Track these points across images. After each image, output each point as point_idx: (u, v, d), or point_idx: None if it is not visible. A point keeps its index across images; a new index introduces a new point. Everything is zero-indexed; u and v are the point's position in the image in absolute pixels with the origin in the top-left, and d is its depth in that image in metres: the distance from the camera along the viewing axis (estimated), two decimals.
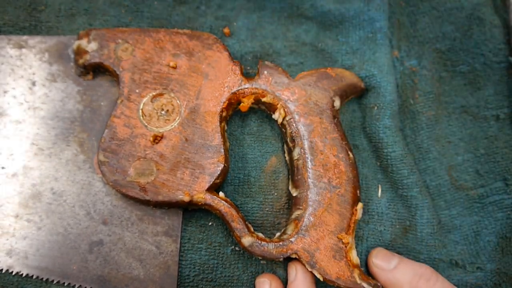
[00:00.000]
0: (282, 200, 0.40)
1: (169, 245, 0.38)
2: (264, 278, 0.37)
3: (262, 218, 0.40)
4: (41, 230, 0.37)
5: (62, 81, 0.40)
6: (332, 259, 0.35)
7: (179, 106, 0.38)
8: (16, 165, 0.38)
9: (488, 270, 0.40)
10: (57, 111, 0.40)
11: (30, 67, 0.40)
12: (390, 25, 0.45)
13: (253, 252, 0.36)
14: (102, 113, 0.40)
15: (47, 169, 0.39)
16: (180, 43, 0.40)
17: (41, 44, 0.41)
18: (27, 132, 0.39)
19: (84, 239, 0.37)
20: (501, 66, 0.44)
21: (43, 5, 0.43)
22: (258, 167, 0.41)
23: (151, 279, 0.37)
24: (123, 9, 0.44)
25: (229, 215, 0.36)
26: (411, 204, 0.40)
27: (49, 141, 0.39)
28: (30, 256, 0.37)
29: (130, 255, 0.37)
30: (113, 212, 0.38)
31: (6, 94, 0.40)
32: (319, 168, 0.37)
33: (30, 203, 0.38)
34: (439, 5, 0.46)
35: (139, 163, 0.37)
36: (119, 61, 0.39)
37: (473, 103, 0.44)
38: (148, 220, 0.38)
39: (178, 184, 0.36)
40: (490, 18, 0.45)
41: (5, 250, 0.37)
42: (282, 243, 0.36)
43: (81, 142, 0.39)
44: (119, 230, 0.38)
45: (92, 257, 0.37)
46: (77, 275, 0.37)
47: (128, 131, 0.37)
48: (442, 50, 0.45)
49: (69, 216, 0.38)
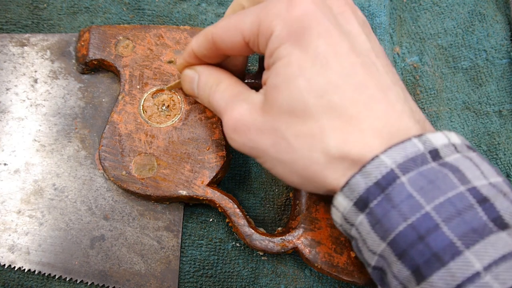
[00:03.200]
0: (283, 195, 0.40)
1: (170, 240, 0.38)
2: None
3: (263, 213, 0.40)
4: (43, 225, 0.38)
5: (64, 78, 0.41)
6: (333, 253, 0.35)
7: (179, 102, 0.38)
8: (18, 161, 0.39)
9: None
10: (59, 108, 0.40)
11: (32, 65, 0.41)
12: (391, 21, 0.45)
13: (254, 246, 0.36)
14: (103, 110, 0.40)
15: (49, 165, 0.39)
16: (181, 39, 0.40)
17: (43, 41, 0.41)
18: (29, 128, 0.39)
19: (86, 235, 0.38)
20: (503, 62, 0.44)
21: (45, 3, 0.44)
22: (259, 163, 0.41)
23: (152, 274, 0.37)
24: (124, 6, 0.44)
25: (230, 210, 0.36)
26: None
27: (51, 138, 0.39)
28: (32, 252, 0.37)
29: (132, 250, 0.37)
30: (114, 207, 0.38)
31: (9, 91, 0.40)
32: None
33: (32, 199, 0.38)
34: (441, 1, 0.46)
35: (140, 158, 0.37)
36: (120, 58, 0.39)
37: (475, 99, 0.44)
38: (149, 215, 0.38)
39: (179, 179, 0.36)
40: (492, 14, 0.45)
41: (7, 246, 0.37)
42: (283, 237, 0.36)
43: (82, 138, 0.39)
44: (121, 225, 0.38)
45: (93, 252, 0.37)
46: (78, 270, 0.37)
47: (129, 127, 0.38)
48: (444, 46, 0.45)
49: (70, 211, 0.38)
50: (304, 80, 0.27)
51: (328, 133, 0.27)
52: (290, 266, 0.39)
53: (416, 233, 0.24)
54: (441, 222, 0.23)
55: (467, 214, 0.23)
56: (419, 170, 0.25)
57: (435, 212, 0.24)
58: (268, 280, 0.38)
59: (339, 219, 0.28)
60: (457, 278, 0.22)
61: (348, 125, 0.26)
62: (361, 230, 0.26)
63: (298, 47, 0.27)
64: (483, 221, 0.23)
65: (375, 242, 0.26)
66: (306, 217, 0.36)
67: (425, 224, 0.24)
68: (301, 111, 0.27)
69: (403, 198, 0.24)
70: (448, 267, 0.23)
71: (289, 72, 0.27)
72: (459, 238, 0.23)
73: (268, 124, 0.29)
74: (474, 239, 0.23)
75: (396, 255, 0.25)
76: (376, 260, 0.27)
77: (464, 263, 0.22)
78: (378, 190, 0.25)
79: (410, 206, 0.24)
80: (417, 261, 0.24)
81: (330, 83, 0.27)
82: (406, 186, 0.24)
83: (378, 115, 0.27)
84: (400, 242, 0.24)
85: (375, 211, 0.25)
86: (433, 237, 0.23)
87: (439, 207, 0.24)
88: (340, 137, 0.27)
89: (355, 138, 0.26)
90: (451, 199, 0.24)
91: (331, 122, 0.27)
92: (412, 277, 0.24)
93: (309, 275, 0.38)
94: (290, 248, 0.36)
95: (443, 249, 0.23)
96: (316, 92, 0.27)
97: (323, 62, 0.27)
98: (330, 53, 0.27)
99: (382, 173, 0.25)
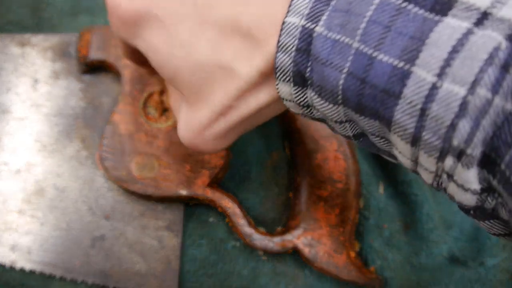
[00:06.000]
0: (283, 195, 0.40)
1: (170, 239, 0.38)
2: None
3: (263, 213, 0.40)
4: (44, 225, 0.38)
5: (65, 78, 0.41)
6: (333, 253, 0.36)
7: None
8: (19, 161, 0.39)
9: (490, 266, 0.40)
10: (60, 108, 0.40)
11: (33, 65, 0.41)
12: None
13: (254, 246, 0.36)
14: (104, 110, 0.40)
15: (50, 165, 0.39)
16: None
17: (44, 42, 0.41)
18: (30, 129, 0.40)
19: (87, 234, 0.38)
20: None
21: (46, 4, 0.44)
22: (260, 163, 0.41)
23: (152, 273, 0.37)
24: None
25: (230, 210, 0.36)
26: (412, 200, 0.40)
27: (52, 138, 0.40)
28: (33, 251, 0.37)
29: (132, 249, 0.38)
30: (115, 207, 0.38)
31: (10, 91, 0.40)
32: (320, 163, 0.37)
33: (33, 199, 0.38)
34: None
35: (141, 158, 0.37)
36: (120, 58, 0.39)
37: None
38: (149, 215, 0.38)
39: (179, 179, 0.37)
40: None
41: (8, 246, 0.37)
42: (283, 237, 0.36)
43: (83, 139, 0.40)
44: (121, 225, 0.38)
45: (94, 252, 0.37)
46: (79, 270, 0.37)
47: (129, 127, 0.38)
48: None
49: (71, 211, 0.38)
50: (178, 47, 0.25)
51: (234, 66, 0.24)
52: (290, 266, 0.39)
53: (357, 79, 0.20)
54: (374, 50, 0.19)
55: (398, 23, 0.19)
56: (331, 5, 0.21)
57: (363, 44, 0.19)
58: (268, 280, 0.38)
59: (295, 108, 0.25)
60: (416, 102, 0.18)
61: (237, 37, 0.24)
62: (317, 105, 0.23)
63: (143, 31, 0.26)
64: (420, 18, 0.18)
65: (333, 110, 0.22)
66: (306, 217, 0.36)
67: (359, 64, 0.19)
68: (203, 73, 0.25)
69: (329, 49, 0.20)
70: (403, 97, 0.19)
71: (165, 55, 0.26)
72: (399, 58, 0.18)
73: (204, 112, 0.26)
74: (416, 49, 0.18)
75: (356, 112, 0.21)
76: (350, 128, 0.23)
77: (415, 82, 0.18)
78: (303, 56, 0.21)
79: (339, 53, 0.20)
80: (374, 107, 0.20)
81: (194, 26, 0.24)
82: (325, 33, 0.20)
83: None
84: (349, 97, 0.20)
85: (313, 79, 0.21)
86: (373, 73, 0.19)
87: (365, 36, 0.19)
88: (243, 57, 0.24)
89: (253, 45, 0.23)
90: (373, 18, 0.19)
91: (225, 55, 0.24)
92: (382, 126, 0.21)
93: (308, 274, 0.39)
94: (290, 248, 0.36)
95: (389, 80, 0.19)
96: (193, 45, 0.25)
97: (173, 21, 0.25)
98: (169, 9, 0.25)
99: (296, 36, 0.21)
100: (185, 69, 0.25)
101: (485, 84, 0.17)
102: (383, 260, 0.39)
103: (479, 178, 0.18)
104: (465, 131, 0.17)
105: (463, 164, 0.18)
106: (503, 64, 0.16)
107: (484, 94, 0.17)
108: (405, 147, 0.20)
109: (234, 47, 0.24)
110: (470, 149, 0.18)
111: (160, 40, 0.26)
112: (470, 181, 0.18)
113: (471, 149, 0.17)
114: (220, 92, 0.25)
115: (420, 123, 0.18)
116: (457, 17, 0.18)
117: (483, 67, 0.17)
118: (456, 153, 0.18)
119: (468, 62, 0.17)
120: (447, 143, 0.18)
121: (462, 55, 0.17)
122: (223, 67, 0.24)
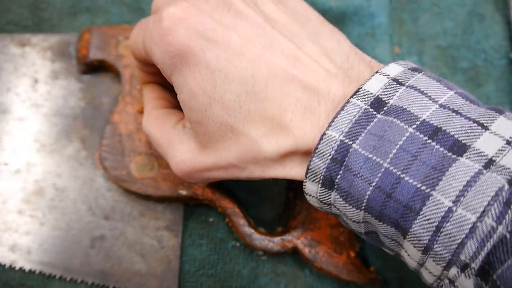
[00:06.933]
0: (283, 195, 0.40)
1: (170, 239, 0.38)
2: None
3: (263, 213, 0.40)
4: (44, 225, 0.38)
5: (64, 78, 0.41)
6: (333, 253, 0.36)
7: None
8: (19, 161, 0.39)
9: None
10: (60, 108, 0.40)
11: (33, 65, 0.41)
12: (391, 21, 0.45)
13: (254, 246, 0.36)
14: (104, 110, 0.40)
15: (50, 165, 0.39)
16: None
17: (44, 42, 0.41)
18: (30, 129, 0.40)
19: (86, 234, 0.38)
20: (502, 63, 0.44)
21: (46, 4, 0.44)
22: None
23: (152, 273, 0.37)
24: (125, 7, 0.44)
25: (230, 210, 0.36)
26: None
27: (52, 138, 0.40)
28: (33, 251, 0.37)
29: (132, 249, 0.38)
30: (114, 207, 0.38)
31: (9, 91, 0.40)
32: None
33: (33, 199, 0.38)
34: (440, 2, 0.46)
35: (140, 158, 0.37)
36: (120, 58, 0.39)
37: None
38: (149, 215, 0.38)
39: (179, 178, 0.37)
40: (491, 15, 0.45)
41: (8, 246, 0.37)
42: (283, 237, 0.36)
43: (83, 139, 0.40)
44: (121, 225, 0.38)
45: (94, 252, 0.37)
46: (79, 270, 0.37)
47: (129, 127, 0.38)
48: (443, 47, 0.45)
49: (71, 211, 0.38)
50: (216, 104, 0.27)
51: (261, 142, 0.27)
52: (290, 266, 0.39)
53: (383, 193, 0.24)
54: (401, 173, 0.23)
55: (423, 154, 0.23)
56: (367, 129, 0.25)
57: (392, 166, 0.24)
58: (268, 280, 0.38)
59: (316, 203, 0.28)
60: (433, 221, 0.22)
61: (275, 125, 0.27)
62: (338, 206, 0.26)
63: (189, 73, 0.28)
64: (440, 154, 0.23)
65: (354, 212, 0.26)
66: (306, 217, 0.36)
67: (387, 181, 0.24)
68: (230, 133, 0.28)
69: (361, 164, 0.24)
70: (422, 214, 0.23)
71: (200, 103, 0.28)
72: (422, 182, 0.23)
73: (211, 159, 0.29)
74: (436, 178, 0.23)
75: (375, 218, 0.25)
76: (364, 227, 0.27)
77: (434, 204, 0.22)
78: (337, 165, 0.25)
79: (370, 169, 0.24)
80: (394, 217, 0.24)
81: (239, 94, 0.27)
82: (360, 151, 0.24)
83: (297, 96, 0.27)
84: (373, 206, 0.24)
85: (341, 185, 0.25)
86: (399, 191, 0.23)
87: (395, 160, 0.24)
88: (273, 140, 0.27)
89: (287, 134, 0.27)
90: (403, 146, 0.24)
91: (257, 130, 0.27)
92: (397, 233, 0.24)
93: (308, 274, 0.39)
94: (290, 248, 0.36)
95: (412, 199, 0.23)
96: (232, 109, 0.27)
97: (222, 77, 0.27)
98: (223, 64, 0.27)
99: (334, 148, 0.25)
100: (212, 123, 0.28)
101: (491, 215, 0.21)
102: (383, 260, 0.39)
103: (474, 284, 0.22)
104: (472, 250, 0.22)
105: (466, 274, 0.22)
106: (506, 201, 0.21)
107: (490, 222, 0.21)
108: (416, 253, 0.24)
109: (265, 128, 0.27)
110: (474, 264, 0.22)
111: (200, 88, 0.27)
112: (468, 287, 0.23)
113: (474, 264, 0.22)
114: (235, 153, 0.28)
115: (434, 237, 0.23)
116: (470, 159, 0.23)
117: (490, 201, 0.21)
118: (461, 266, 0.22)
119: (479, 196, 0.22)
120: (455, 257, 0.22)
121: (474, 189, 0.22)
122: (250, 139, 0.27)
